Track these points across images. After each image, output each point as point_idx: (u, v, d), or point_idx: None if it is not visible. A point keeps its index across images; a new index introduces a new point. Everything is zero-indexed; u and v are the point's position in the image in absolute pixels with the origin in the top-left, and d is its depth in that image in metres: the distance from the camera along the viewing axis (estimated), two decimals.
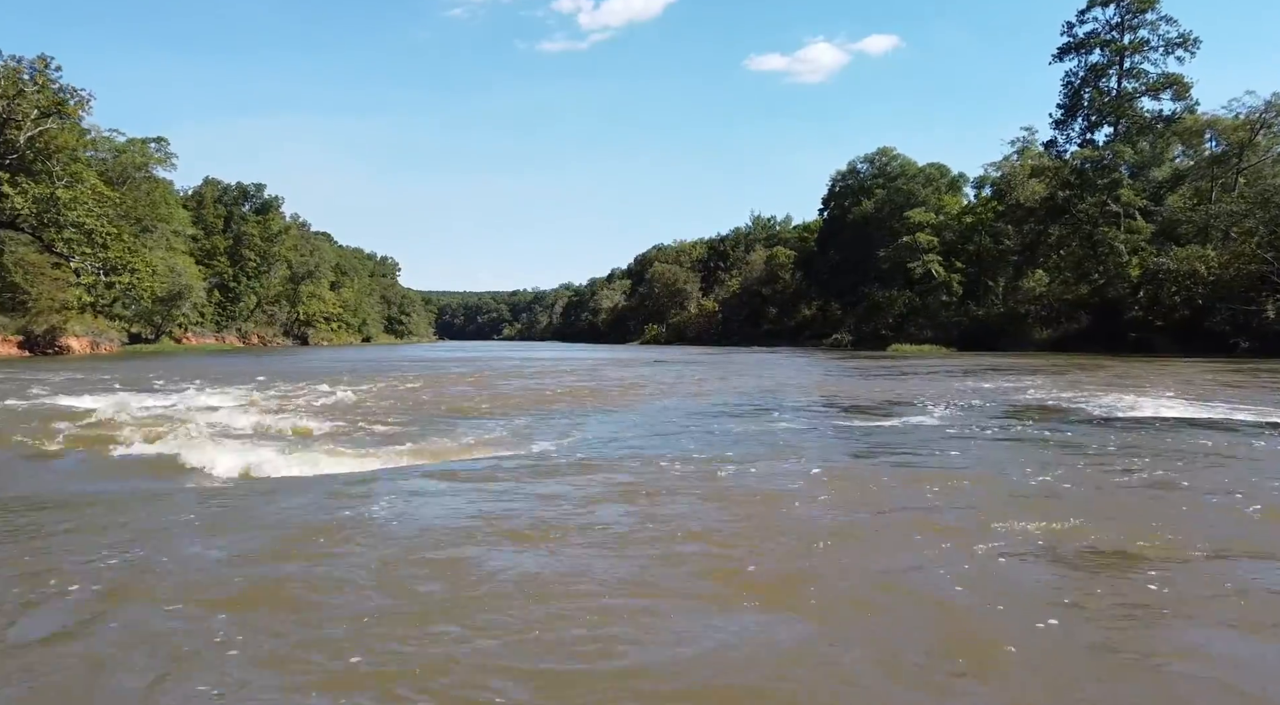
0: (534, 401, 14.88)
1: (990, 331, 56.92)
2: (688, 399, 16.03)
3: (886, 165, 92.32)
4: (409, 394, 16.70)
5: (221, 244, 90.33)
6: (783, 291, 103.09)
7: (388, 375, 24.89)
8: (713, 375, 25.16)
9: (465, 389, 18.26)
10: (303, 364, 36.74)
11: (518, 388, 18.73)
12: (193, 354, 57.71)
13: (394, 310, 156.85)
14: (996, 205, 65.78)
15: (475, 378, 23.60)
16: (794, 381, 21.98)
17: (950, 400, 15.10)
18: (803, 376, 24.75)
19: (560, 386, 19.03)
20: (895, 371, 27.09)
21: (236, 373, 26.86)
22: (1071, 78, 59.72)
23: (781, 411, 13.37)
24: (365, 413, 12.59)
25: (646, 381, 21.26)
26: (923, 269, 65.84)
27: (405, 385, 19.35)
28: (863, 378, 23.92)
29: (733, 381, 22.04)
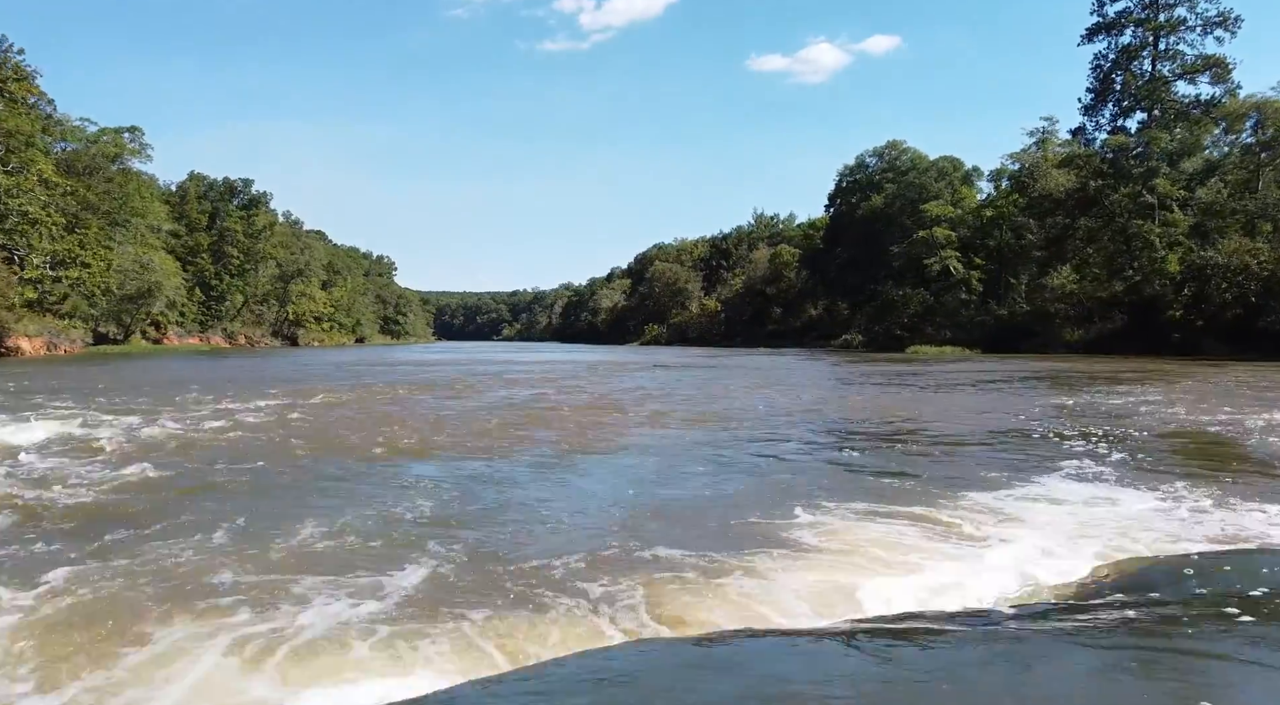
0: (477, 439, 10.30)
1: (1016, 332, 52.35)
2: (709, 430, 11.38)
3: (896, 159, 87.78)
4: (294, 423, 12.12)
5: (205, 241, 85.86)
6: (787, 291, 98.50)
7: (328, 384, 20.42)
8: (727, 385, 20.57)
9: (393, 409, 13.70)
10: (266, 369, 32.25)
11: (471, 411, 14.19)
12: (161, 356, 53.16)
13: (390, 310, 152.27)
14: (1017, 198, 61.21)
15: (429, 389, 19.10)
16: (830, 396, 17.42)
17: (1085, 429, 10.56)
18: (833, 387, 20.20)
19: (532, 406, 14.49)
20: (942, 381, 22.53)
21: (172, 382, 22.48)
22: (1101, 60, 55.21)
23: (876, 462, 8.83)
24: (141, 479, 8.07)
25: (645, 396, 16.69)
26: (940, 265, 61.25)
27: (313, 401, 14.86)
28: (910, 390, 19.35)
29: (755, 396, 17.49)
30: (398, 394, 16.97)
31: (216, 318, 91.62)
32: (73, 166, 62.26)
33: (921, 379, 22.77)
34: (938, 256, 61.46)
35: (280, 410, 13.10)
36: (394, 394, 17.12)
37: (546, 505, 6.32)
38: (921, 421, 12.01)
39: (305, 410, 13.26)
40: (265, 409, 13.27)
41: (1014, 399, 15.61)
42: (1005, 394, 17.05)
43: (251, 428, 10.93)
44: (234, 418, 11.91)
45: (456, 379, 22.92)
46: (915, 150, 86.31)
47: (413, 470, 7.86)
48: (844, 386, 20.14)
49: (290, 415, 12.46)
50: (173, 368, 32.95)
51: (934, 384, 20.46)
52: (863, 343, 70.37)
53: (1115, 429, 10.49)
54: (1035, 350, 49.70)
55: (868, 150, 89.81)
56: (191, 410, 12.98)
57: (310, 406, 13.91)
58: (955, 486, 6.71)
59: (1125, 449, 8.73)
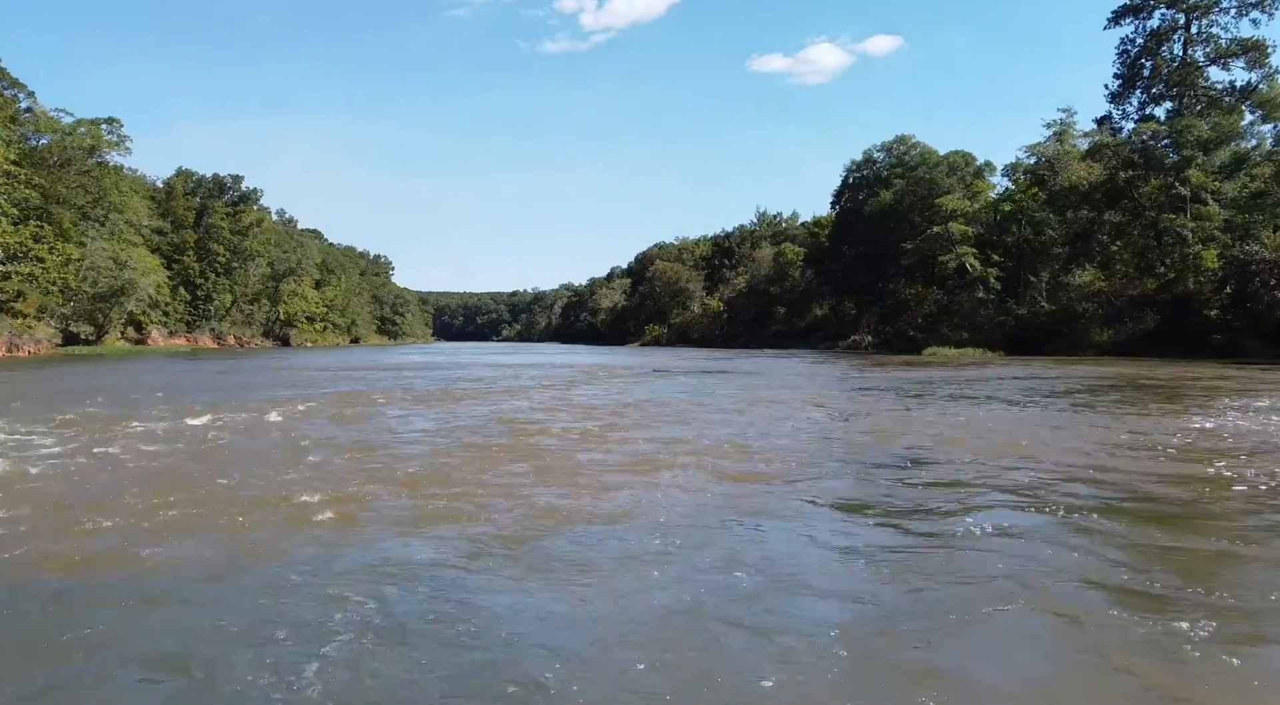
0: (407, 496, 6.80)
1: (1039, 332, 48.86)
2: (744, 490, 7.78)
3: (905, 154, 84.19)
4: (172, 455, 8.66)
5: (191, 238, 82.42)
6: (792, 290, 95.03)
7: (283, 393, 16.99)
8: (741, 398, 17.07)
9: (329, 434, 10.14)
10: (234, 373, 28.83)
11: (426, 438, 10.70)
12: (132, 358, 49.62)
13: (386, 310, 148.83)
14: (1036, 192, 57.75)
15: (396, 399, 15.64)
16: (880, 412, 13.90)
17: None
18: (874, 398, 16.69)
19: (481, 434, 10.98)
20: (997, 391, 19.00)
21: (97, 390, 19.07)
22: (1128, 45, 51.76)
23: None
24: None
25: (640, 418, 13.12)
26: (955, 263, 57.77)
27: (240, 416, 11.39)
28: (972, 405, 15.85)
29: (781, 411, 14.01)
30: (346, 413, 13.49)
31: (204, 318, 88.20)
32: (43, 159, 58.91)
33: (965, 387, 19.31)
34: (953, 253, 57.98)
35: (186, 434, 9.65)
36: (346, 410, 13.66)
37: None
38: (1074, 469, 8.54)
39: (216, 431, 9.84)
40: (156, 435, 9.81)
41: (1142, 421, 12.13)
42: (1115, 414, 13.58)
43: (79, 473, 7.46)
44: (97, 450, 8.45)
45: (434, 388, 19.49)
46: (925, 145, 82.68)
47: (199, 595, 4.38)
48: (882, 398, 16.66)
49: (178, 444, 9.01)
50: (125, 372, 29.48)
51: (990, 395, 16.99)
52: (873, 344, 66.84)
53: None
54: (1061, 352, 46.24)
55: (875, 145, 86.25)
56: (40, 432, 9.53)
57: (228, 424, 10.46)
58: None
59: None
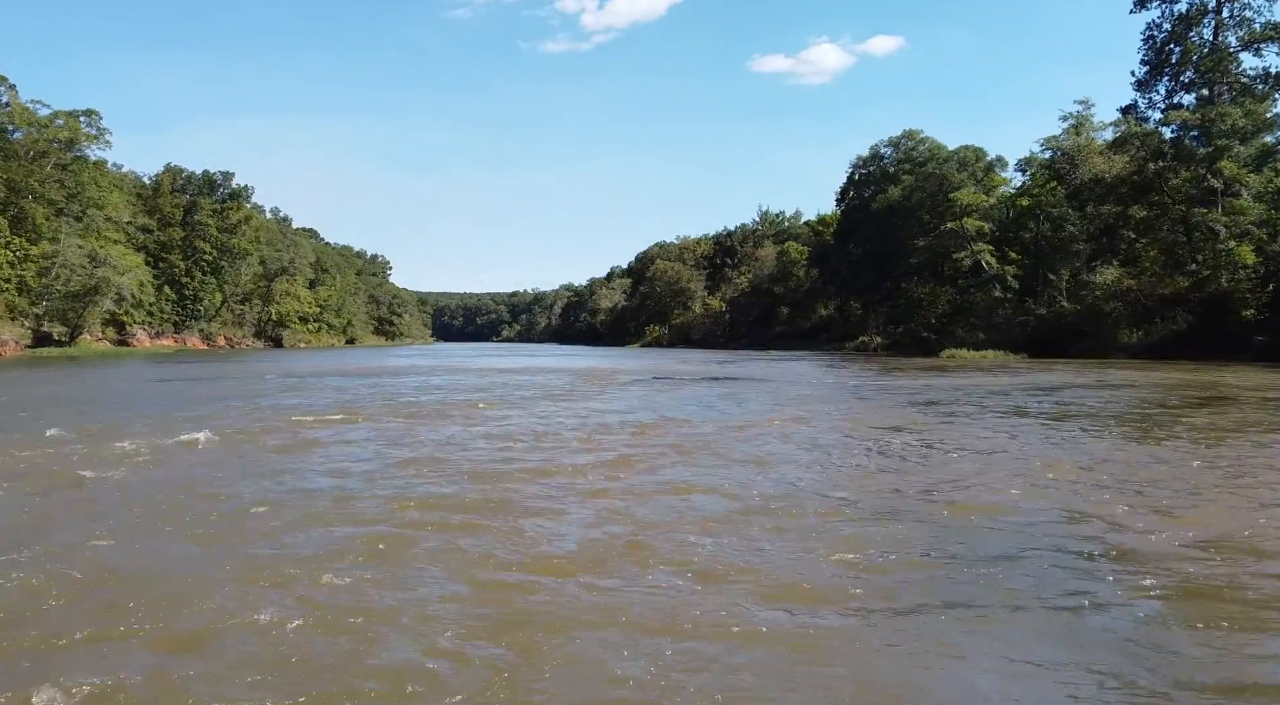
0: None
1: (1062, 333, 45.71)
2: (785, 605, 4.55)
3: (913, 149, 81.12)
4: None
5: (177, 236, 79.41)
6: (796, 289, 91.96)
7: (215, 410, 13.93)
8: (779, 423, 13.96)
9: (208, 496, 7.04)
10: (199, 380, 25.79)
11: (344, 487, 7.61)
12: (105, 360, 46.57)
13: (384, 311, 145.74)
14: (1055, 186, 54.65)
15: (347, 419, 12.57)
16: (973, 455, 10.76)
17: None
18: (925, 419, 13.57)
19: (429, 485, 7.89)
20: (1053, 407, 15.88)
21: (21, 404, 16.07)
22: (1155, 30, 48.61)
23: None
24: None
25: (631, 454, 9.97)
26: (971, 260, 54.68)
27: (115, 447, 8.31)
28: (1040, 426, 12.70)
29: (810, 436, 10.90)
30: (269, 443, 10.40)
31: (193, 318, 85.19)
32: (15, 151, 55.94)
33: (1027, 400, 16.22)
34: (968, 250, 54.88)
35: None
36: (271, 437, 10.58)
37: None
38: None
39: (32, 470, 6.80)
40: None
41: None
42: (1243, 439, 10.47)
43: None
44: None
45: (405, 401, 16.43)
46: (933, 140, 79.62)
47: None
48: (933, 414, 13.57)
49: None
50: (65, 379, 26.43)
51: (1067, 411, 13.90)
52: (883, 345, 63.77)
53: None
54: (1086, 354, 43.13)
55: (883, 140, 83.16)
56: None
57: (68, 459, 7.40)
58: None
59: None
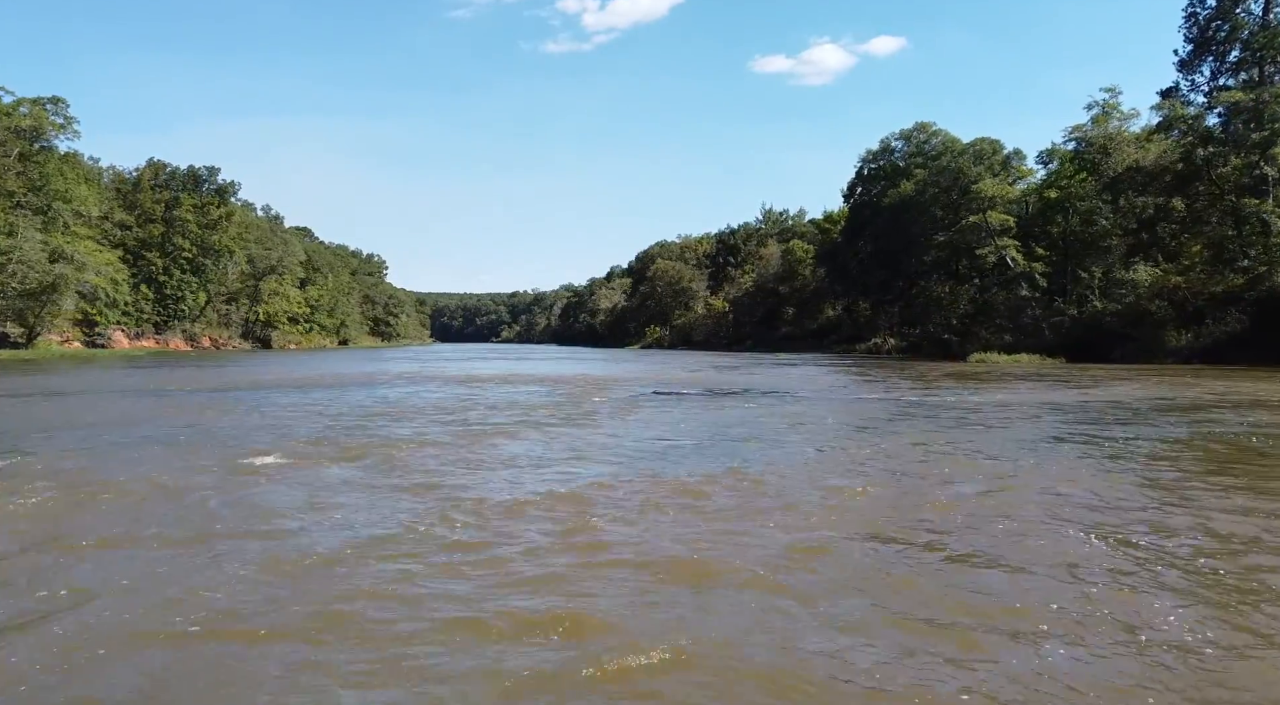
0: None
1: (1100, 335, 41.23)
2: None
3: (925, 142, 76.64)
4: None
5: (156, 232, 75.05)
6: (802, 289, 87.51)
7: (72, 445, 9.47)
8: (835, 464, 9.38)
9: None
10: (72, 402, 21.42)
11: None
12: (60, 364, 42.13)
13: (379, 311, 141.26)
14: (1084, 177, 50.25)
15: (240, 461, 8.12)
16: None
17: None
18: (1061, 461, 9.09)
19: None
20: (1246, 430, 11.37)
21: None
22: (1197, 5, 44.13)
23: None
24: None
25: (635, 531, 5.38)
26: (995, 256, 50.24)
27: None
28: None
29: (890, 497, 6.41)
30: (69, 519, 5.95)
31: (176, 318, 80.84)
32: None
33: (1168, 426, 11.77)
34: (992, 245, 50.43)
35: None
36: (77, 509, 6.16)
37: None
38: None
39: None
40: None
41: None
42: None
43: None
44: None
45: (328, 435, 12.00)
46: (946, 132, 75.14)
47: None
48: (1050, 455, 9.12)
49: None
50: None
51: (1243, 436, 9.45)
52: (898, 348, 59.42)
53: None
54: (1131, 358, 38.68)
55: (893, 133, 78.60)
56: None
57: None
58: None
59: None
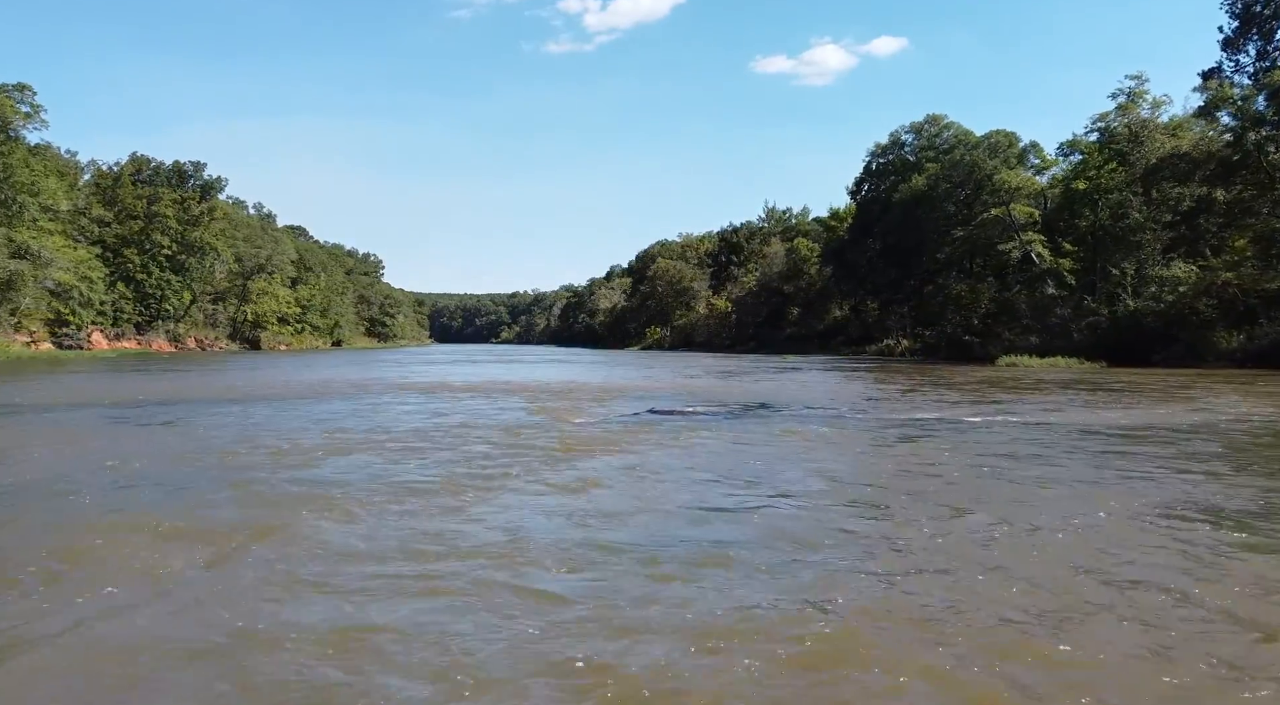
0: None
1: (1141, 337, 37.38)
2: None
3: (937, 135, 72.88)
4: None
5: (135, 229, 71.23)
6: (808, 289, 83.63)
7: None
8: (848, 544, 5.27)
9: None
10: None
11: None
12: (21, 369, 38.27)
13: (375, 311, 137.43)
14: (1114, 168, 46.41)
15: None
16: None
17: None
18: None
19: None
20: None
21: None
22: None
23: None
24: None
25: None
26: (1020, 252, 46.35)
27: None
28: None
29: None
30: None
31: (160, 318, 76.99)
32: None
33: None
34: (1016, 241, 46.54)
35: None
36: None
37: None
38: None
39: None
40: None
41: None
42: None
43: None
44: None
45: (241, 464, 8.17)
46: (959, 125, 71.47)
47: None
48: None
49: None
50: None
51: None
52: (910, 349, 55.56)
53: None
54: (1175, 362, 34.89)
55: (903, 126, 74.90)
56: None
57: None
58: None
59: None
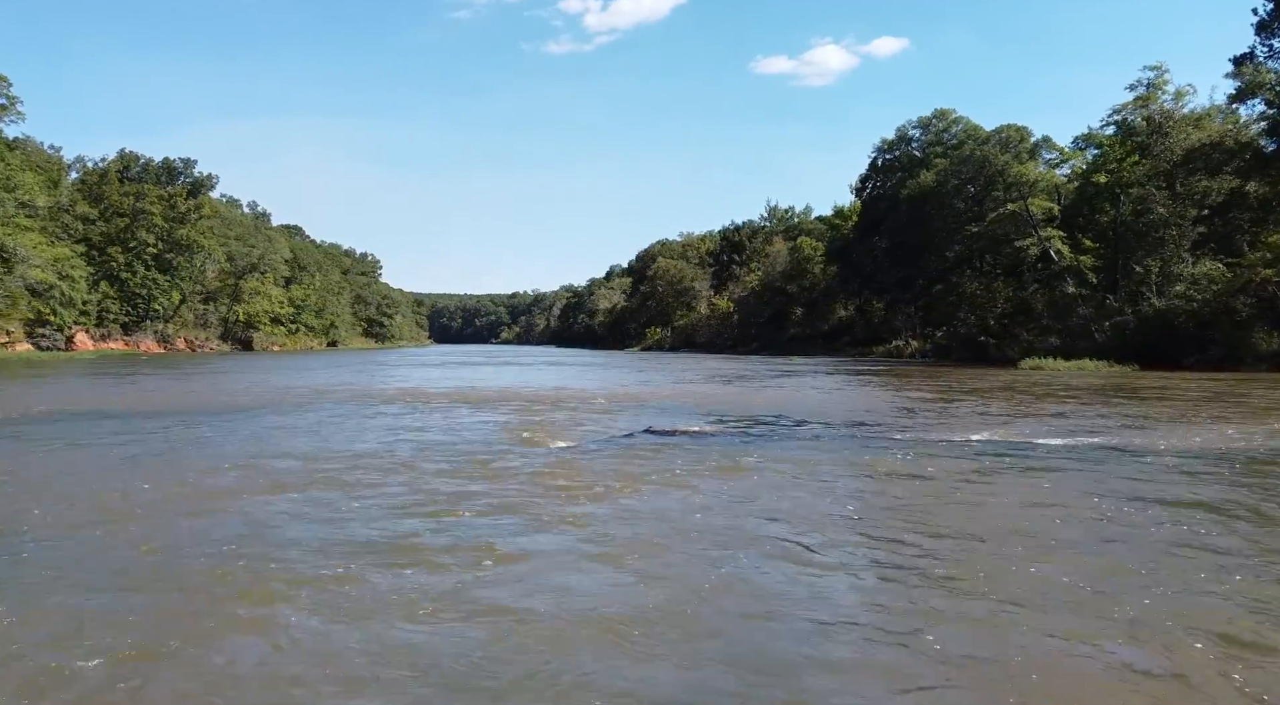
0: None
1: (1171, 337, 34.95)
2: None
3: (945, 130, 70.49)
4: None
5: (121, 226, 68.81)
6: (811, 288, 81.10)
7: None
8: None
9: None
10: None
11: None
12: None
13: (372, 311, 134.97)
14: (1136, 161, 43.93)
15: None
16: None
17: None
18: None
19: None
20: None
21: None
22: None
23: None
24: None
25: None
26: (1038, 249, 43.85)
27: None
28: None
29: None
30: None
31: (149, 318, 74.54)
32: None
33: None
34: (1034, 237, 44.04)
35: None
36: None
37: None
38: None
39: None
40: None
41: None
42: None
43: None
44: None
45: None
46: (968, 120, 69.11)
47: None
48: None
49: None
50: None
51: None
52: (922, 351, 53.07)
53: None
54: (1210, 364, 32.42)
55: (910, 121, 72.53)
56: None
57: None
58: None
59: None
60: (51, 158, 65.98)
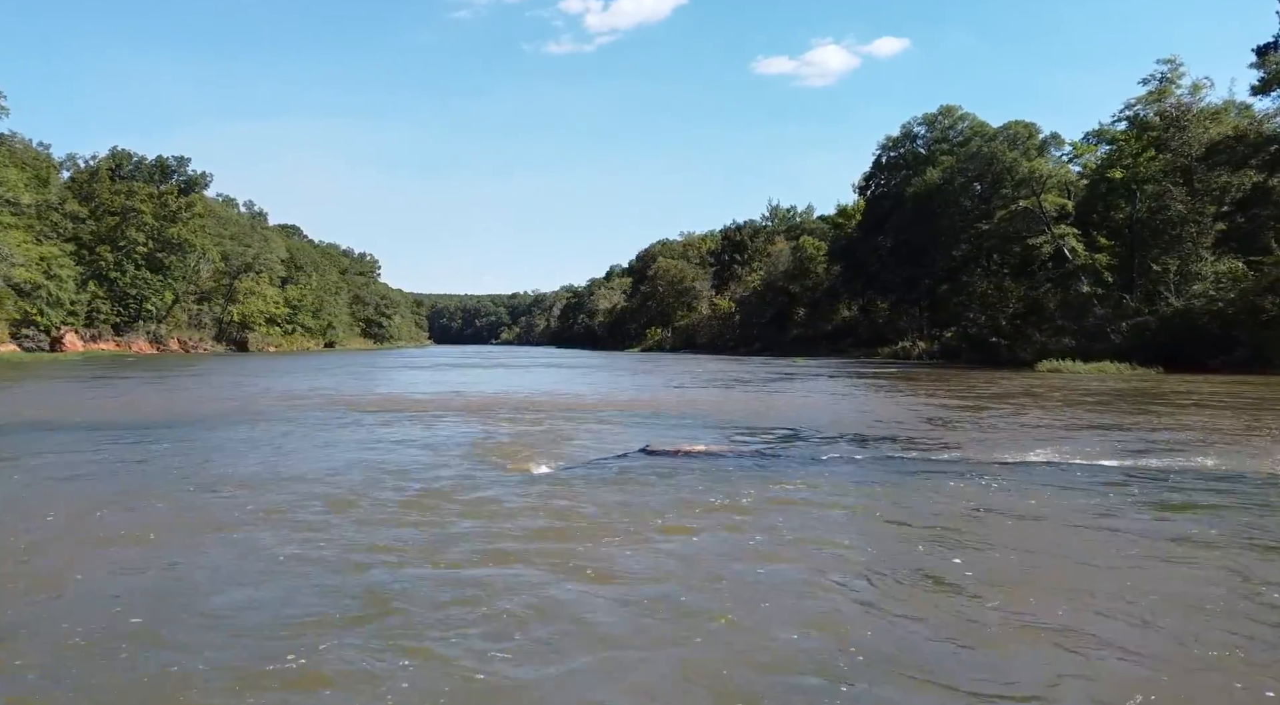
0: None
1: (1195, 339, 33.31)
2: None
3: (951, 127, 68.79)
4: None
5: (110, 225, 67.22)
6: (814, 288, 79.44)
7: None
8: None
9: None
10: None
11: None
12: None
13: (371, 312, 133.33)
14: (1153, 156, 42.30)
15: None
16: None
17: None
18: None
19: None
20: None
21: None
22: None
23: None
24: None
25: None
26: (1052, 247, 42.21)
27: None
28: None
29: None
30: None
31: (141, 318, 72.94)
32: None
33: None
34: (1047, 235, 42.39)
35: None
36: None
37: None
38: None
39: None
40: None
41: None
42: None
43: None
44: None
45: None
46: (974, 116, 67.36)
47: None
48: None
49: None
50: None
51: None
52: (929, 352, 51.42)
53: None
54: (1237, 367, 30.80)
55: (915, 118, 70.78)
56: None
57: None
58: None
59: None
60: (40, 155, 64.37)
